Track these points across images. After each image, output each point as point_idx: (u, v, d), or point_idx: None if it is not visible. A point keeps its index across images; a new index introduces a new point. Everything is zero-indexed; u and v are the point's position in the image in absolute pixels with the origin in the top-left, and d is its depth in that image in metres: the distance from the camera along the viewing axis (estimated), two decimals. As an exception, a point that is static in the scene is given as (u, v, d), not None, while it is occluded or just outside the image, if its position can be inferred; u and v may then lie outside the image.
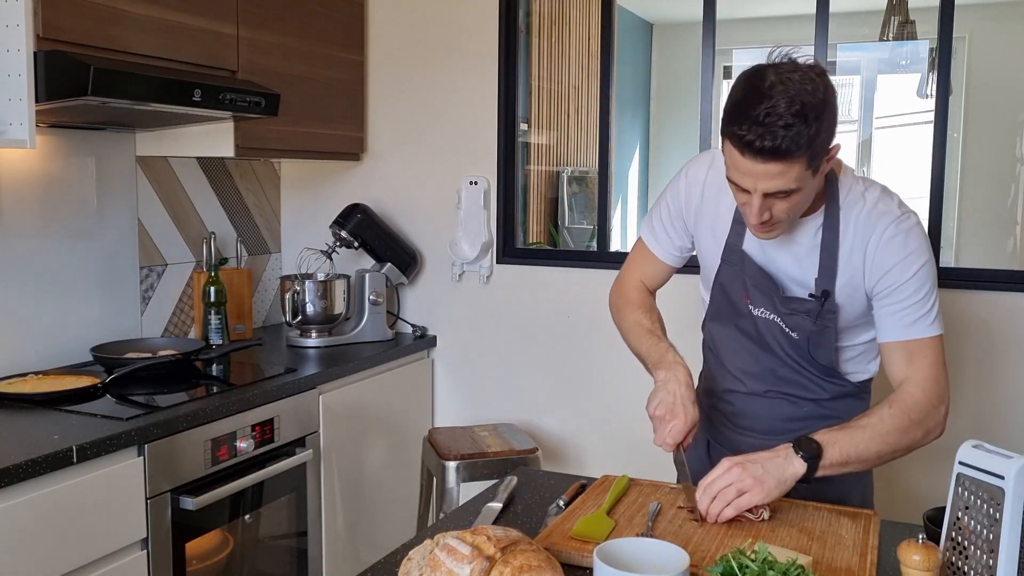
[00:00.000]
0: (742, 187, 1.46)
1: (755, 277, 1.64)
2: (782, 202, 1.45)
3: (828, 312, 1.59)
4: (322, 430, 2.60)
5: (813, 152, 1.39)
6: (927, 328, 1.56)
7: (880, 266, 1.54)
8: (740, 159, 1.41)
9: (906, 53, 5.94)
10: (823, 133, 1.39)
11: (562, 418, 3.09)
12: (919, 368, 1.56)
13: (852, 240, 1.56)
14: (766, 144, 1.36)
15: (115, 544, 1.93)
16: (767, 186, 1.42)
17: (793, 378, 1.69)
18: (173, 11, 2.36)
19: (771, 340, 1.67)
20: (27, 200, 2.43)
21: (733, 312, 1.71)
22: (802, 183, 1.42)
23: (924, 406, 1.55)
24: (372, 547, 2.85)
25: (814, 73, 1.40)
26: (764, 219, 1.48)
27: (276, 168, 3.37)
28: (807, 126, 1.36)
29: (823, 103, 1.38)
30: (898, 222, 1.54)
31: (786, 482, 1.46)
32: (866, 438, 1.50)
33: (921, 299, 1.55)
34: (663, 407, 1.55)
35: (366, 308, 3.03)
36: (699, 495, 1.47)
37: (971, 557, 1.21)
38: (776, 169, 1.39)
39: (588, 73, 4.89)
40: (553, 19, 4.55)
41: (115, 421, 2.00)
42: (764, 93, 1.36)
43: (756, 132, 1.36)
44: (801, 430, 1.60)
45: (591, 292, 2.99)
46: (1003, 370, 2.58)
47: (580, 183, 5.00)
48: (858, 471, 1.55)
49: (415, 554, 1.21)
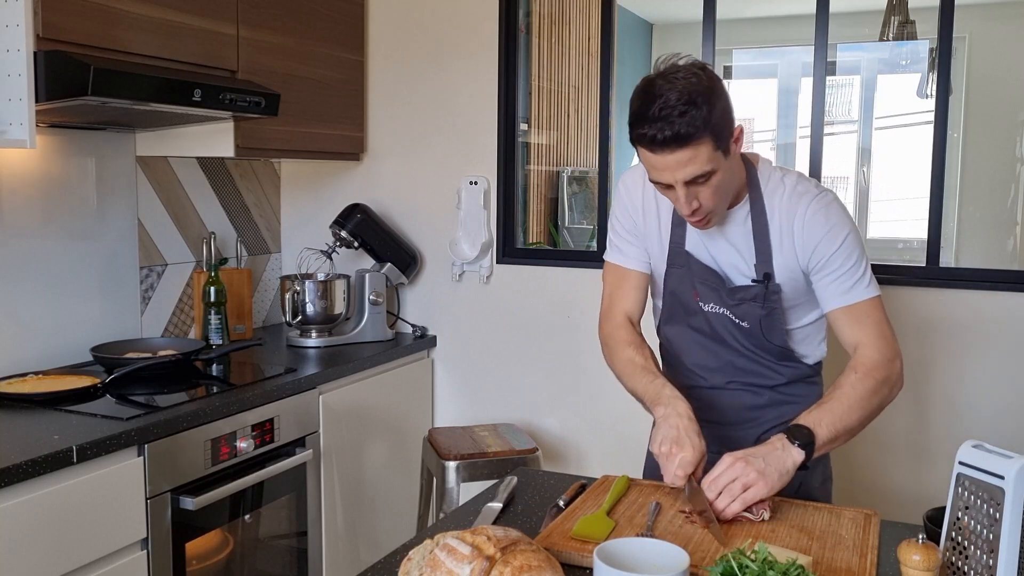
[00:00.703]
0: (664, 183, 1.57)
1: (701, 275, 1.73)
2: (704, 188, 1.56)
3: (772, 294, 1.69)
4: (322, 430, 2.60)
5: (714, 132, 1.51)
6: (864, 291, 1.66)
7: (809, 242, 1.65)
8: (652, 157, 1.53)
9: (906, 53, 5.94)
10: (717, 114, 1.51)
11: (562, 418, 3.09)
12: (867, 330, 1.66)
13: (780, 223, 1.67)
14: (667, 134, 1.48)
15: (115, 544, 1.93)
16: (683, 174, 1.52)
17: (750, 368, 1.77)
18: (173, 11, 2.36)
19: (724, 333, 1.75)
20: (27, 200, 2.43)
21: (685, 312, 1.79)
22: (715, 164, 1.53)
23: (882, 364, 1.63)
24: (372, 547, 2.85)
25: (696, 67, 1.53)
26: (695, 207, 1.58)
27: (276, 168, 3.37)
28: (699, 109, 1.48)
29: (709, 89, 1.51)
30: (817, 200, 1.65)
31: (788, 473, 1.50)
32: (845, 408, 1.58)
33: (852, 266, 1.65)
34: (667, 442, 1.54)
35: (366, 308, 3.03)
36: (703, 490, 1.48)
37: (971, 557, 1.21)
38: (685, 156, 1.50)
39: (588, 73, 4.89)
40: (553, 19, 4.54)
41: (115, 421, 2.00)
42: (655, 95, 1.50)
43: (656, 127, 1.49)
44: (763, 417, 1.77)
45: (591, 292, 2.97)
46: (1003, 370, 2.58)
47: (580, 183, 5.00)
48: (845, 443, 1.61)
49: (415, 554, 1.21)
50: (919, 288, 2.62)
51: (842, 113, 6.40)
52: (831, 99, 6.35)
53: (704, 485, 1.48)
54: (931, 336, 2.64)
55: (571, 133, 4.88)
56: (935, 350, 2.64)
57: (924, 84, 5.79)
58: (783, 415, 1.75)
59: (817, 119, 2.81)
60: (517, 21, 3.14)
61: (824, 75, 2.77)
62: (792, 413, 1.71)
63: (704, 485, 1.48)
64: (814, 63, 2.76)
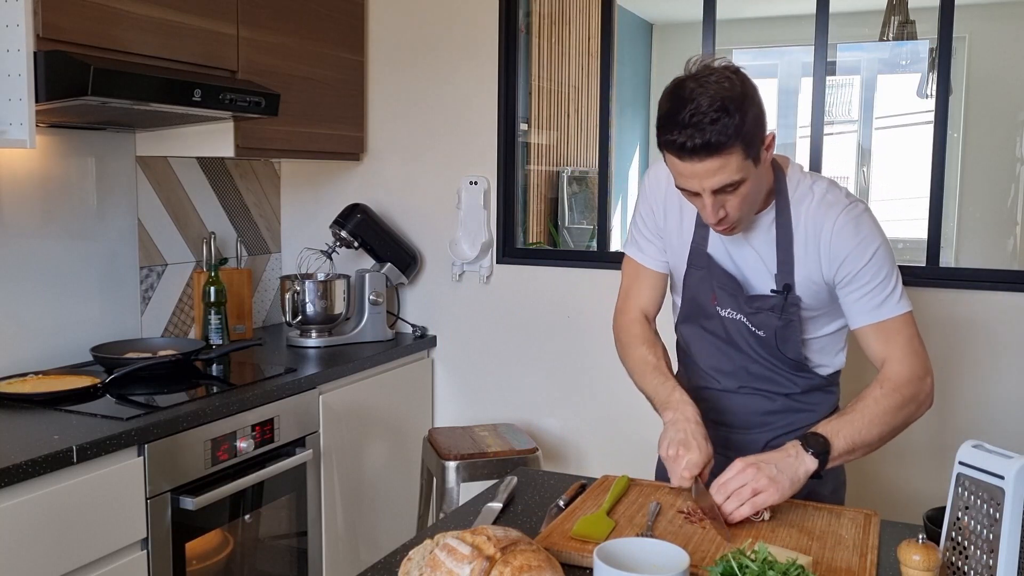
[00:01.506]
0: (691, 191, 1.52)
1: (721, 279, 1.69)
2: (732, 196, 1.51)
3: (791, 306, 1.64)
4: (322, 430, 2.60)
5: (745, 141, 1.45)
6: (895, 307, 1.60)
7: (836, 255, 1.59)
8: (680, 164, 1.49)
9: (906, 53, 5.94)
10: (749, 122, 1.46)
11: (562, 418, 3.09)
12: (898, 347, 1.60)
13: (805, 232, 1.62)
14: (697, 142, 1.43)
15: (115, 544, 1.93)
16: (711, 183, 1.48)
17: (764, 374, 1.73)
18: (173, 11, 2.36)
19: (739, 339, 1.71)
20: (27, 200, 2.43)
21: (702, 314, 1.75)
22: (745, 173, 1.48)
23: (912, 381, 1.59)
24: (372, 547, 2.85)
25: (730, 71, 1.48)
26: (721, 216, 1.53)
27: (276, 168, 3.37)
28: (731, 117, 1.43)
29: (742, 95, 1.46)
30: (848, 211, 1.59)
31: (799, 481, 1.48)
32: (866, 422, 1.54)
33: (883, 281, 1.59)
34: (675, 445, 1.54)
35: (366, 308, 3.03)
36: (713, 492, 1.47)
37: (971, 557, 1.21)
38: (715, 164, 1.45)
39: (588, 73, 4.89)
40: (553, 19, 4.55)
41: (115, 421, 2.00)
42: (686, 99, 1.45)
43: (686, 134, 1.44)
44: (775, 423, 1.72)
45: (591, 292, 2.99)
46: (1003, 370, 2.58)
47: (580, 183, 5.00)
48: (862, 457, 1.58)
49: (415, 554, 1.21)
50: (919, 288, 2.62)
51: (842, 113, 6.40)
52: (831, 99, 6.35)
53: (713, 489, 1.48)
54: (931, 336, 2.61)
55: (571, 133, 4.89)
56: (935, 350, 2.61)
57: (924, 84, 5.79)
58: (795, 422, 1.74)
59: (817, 119, 2.81)
60: (517, 21, 3.14)
61: (824, 75, 2.77)
62: (805, 421, 1.71)
63: (713, 489, 1.48)
64: (814, 63, 2.76)
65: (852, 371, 1.85)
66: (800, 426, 1.72)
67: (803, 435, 1.52)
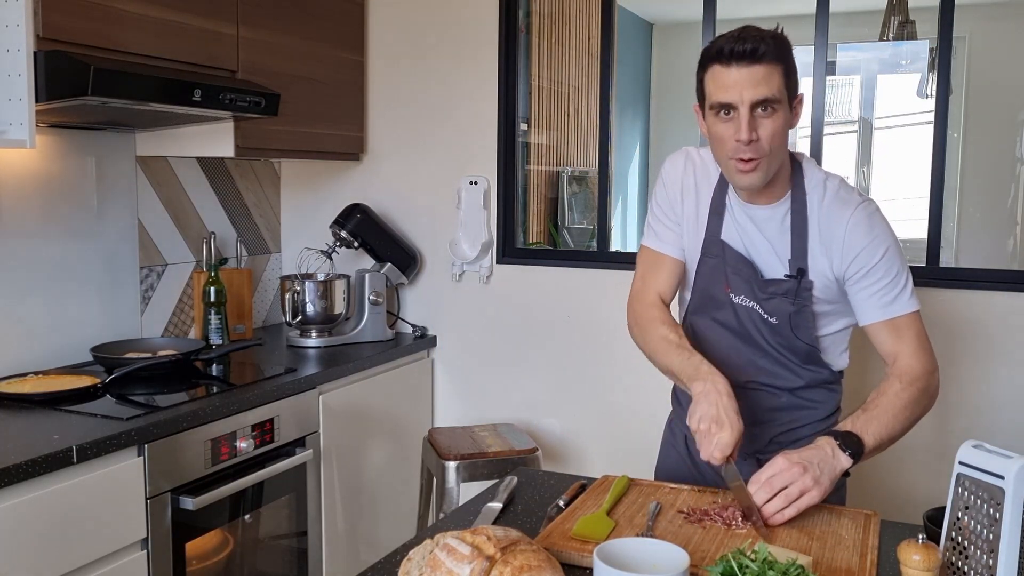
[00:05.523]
0: (729, 103, 1.53)
1: (735, 264, 1.70)
2: (767, 121, 1.53)
3: (804, 290, 1.65)
4: (322, 430, 2.60)
5: (787, 69, 1.53)
6: (905, 304, 1.64)
7: (849, 251, 1.61)
8: (723, 72, 1.53)
9: (906, 53, 5.94)
10: (791, 60, 1.55)
11: (562, 418, 3.09)
12: (909, 341, 1.63)
13: (819, 226, 1.64)
14: (747, 47, 1.50)
15: (115, 544, 1.93)
16: (752, 94, 1.51)
17: (772, 368, 1.73)
18: (173, 11, 2.36)
19: (751, 328, 1.71)
20: (27, 200, 2.43)
21: (714, 304, 1.75)
22: (782, 99, 1.53)
23: (924, 375, 1.62)
24: (372, 547, 2.85)
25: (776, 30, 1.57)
26: (752, 138, 1.53)
27: (276, 168, 3.37)
28: (779, 43, 1.53)
29: (789, 44, 1.55)
30: (861, 208, 1.63)
31: (836, 480, 1.49)
32: (890, 418, 1.56)
33: (894, 278, 1.62)
34: (707, 420, 1.51)
35: (366, 308, 3.03)
36: (754, 490, 1.44)
37: (971, 557, 1.21)
38: (759, 73, 1.50)
39: (588, 73, 4.89)
40: (553, 19, 4.54)
41: (115, 421, 2.00)
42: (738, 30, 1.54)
43: (735, 42, 1.51)
44: (777, 420, 1.73)
45: (591, 292, 2.99)
46: (1003, 370, 2.58)
47: (580, 183, 5.00)
48: (880, 453, 1.59)
49: (415, 554, 1.21)
50: (919, 288, 2.59)
51: (842, 113, 6.39)
52: (831, 99, 6.35)
53: (756, 484, 1.45)
54: (931, 336, 2.61)
55: (571, 133, 4.88)
56: (935, 350, 2.63)
57: (924, 84, 5.79)
58: (797, 419, 1.74)
59: (817, 119, 2.81)
60: (517, 21, 3.14)
61: (824, 75, 2.77)
62: (809, 418, 1.72)
63: (756, 484, 1.45)
64: (814, 63, 2.76)
65: (852, 371, 1.85)
66: (804, 423, 1.73)
67: (834, 432, 1.52)
